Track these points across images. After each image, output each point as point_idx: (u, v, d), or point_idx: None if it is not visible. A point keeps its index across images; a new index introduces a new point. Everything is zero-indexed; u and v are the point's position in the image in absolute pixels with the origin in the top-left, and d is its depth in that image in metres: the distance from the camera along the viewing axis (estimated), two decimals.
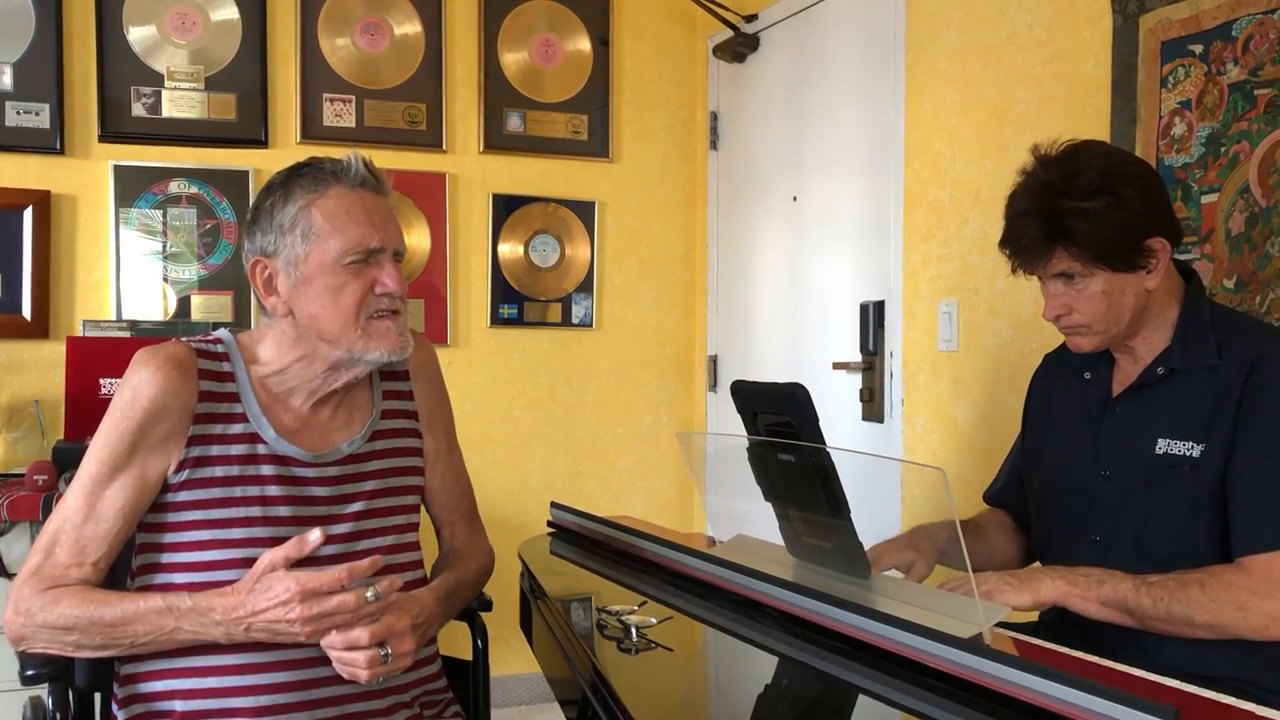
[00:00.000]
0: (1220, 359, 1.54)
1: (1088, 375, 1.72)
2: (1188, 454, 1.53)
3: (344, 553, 1.48)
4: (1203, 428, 1.52)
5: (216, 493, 1.45)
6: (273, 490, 1.47)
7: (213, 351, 1.50)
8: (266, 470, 1.47)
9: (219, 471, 1.45)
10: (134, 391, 1.42)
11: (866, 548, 1.55)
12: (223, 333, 1.54)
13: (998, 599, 1.45)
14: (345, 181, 1.47)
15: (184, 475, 1.44)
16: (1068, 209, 1.52)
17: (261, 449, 1.48)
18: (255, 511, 1.45)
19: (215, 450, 1.46)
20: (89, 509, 1.41)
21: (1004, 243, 1.63)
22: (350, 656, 1.35)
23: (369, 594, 1.33)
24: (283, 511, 1.47)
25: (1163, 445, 1.56)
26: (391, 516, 1.57)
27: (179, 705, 1.43)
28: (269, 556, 1.34)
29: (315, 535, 1.33)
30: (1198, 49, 2.06)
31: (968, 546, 1.73)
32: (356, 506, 1.53)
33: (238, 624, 1.34)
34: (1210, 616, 1.41)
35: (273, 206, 1.47)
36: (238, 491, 1.45)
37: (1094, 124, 2.27)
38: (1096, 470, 1.66)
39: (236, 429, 1.47)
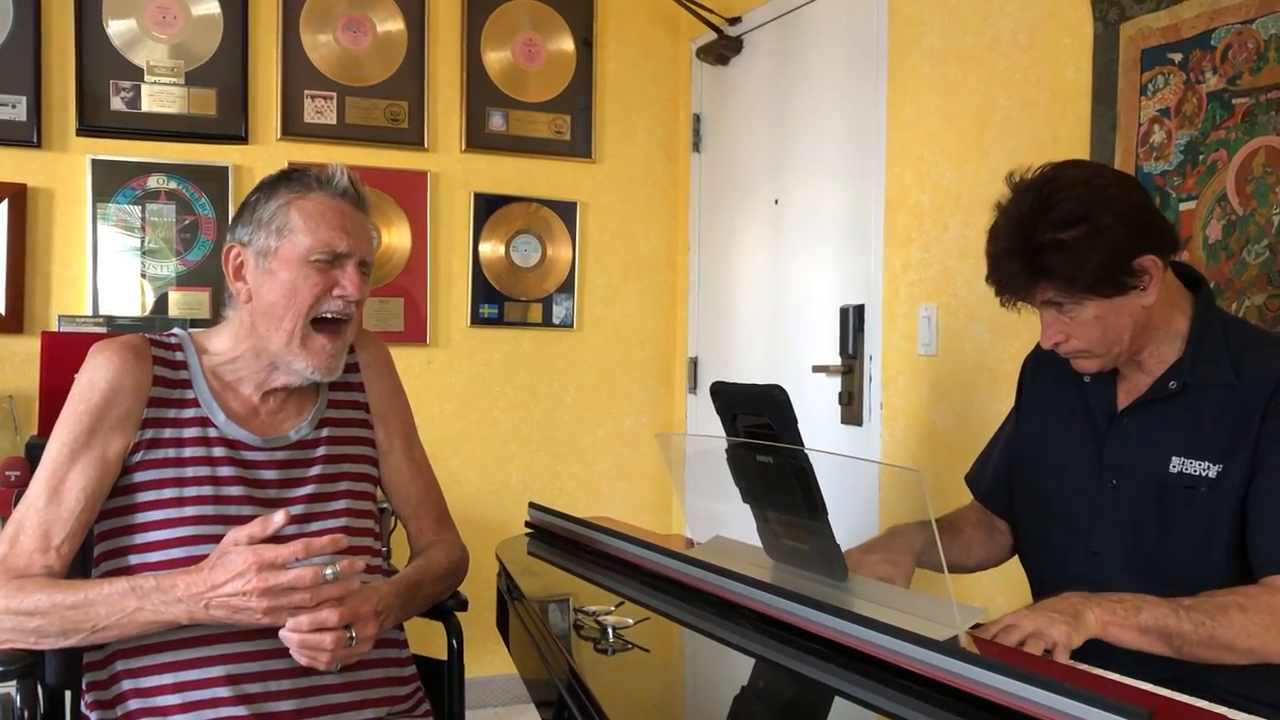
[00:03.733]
0: (1238, 377, 1.49)
1: (1087, 380, 1.67)
2: (1204, 474, 1.49)
3: (296, 534, 1.50)
4: (1220, 448, 1.48)
5: (169, 473, 1.50)
6: (224, 471, 1.52)
7: (166, 343, 1.57)
8: (218, 452, 1.52)
9: (171, 453, 1.51)
10: (90, 375, 1.48)
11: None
12: (177, 329, 1.62)
13: (1064, 647, 1.30)
14: (327, 189, 1.56)
15: (139, 456, 1.49)
16: (1044, 243, 1.47)
17: (212, 432, 1.53)
18: (207, 491, 1.50)
19: (168, 433, 1.51)
20: (52, 492, 1.44)
21: (989, 280, 1.59)
22: (316, 639, 1.35)
23: (327, 572, 1.33)
24: (234, 492, 1.51)
25: (1177, 464, 1.52)
26: (341, 500, 1.60)
27: (166, 699, 1.43)
28: (232, 534, 1.35)
29: (279, 517, 1.35)
30: (1177, 57, 2.08)
31: (943, 545, 1.71)
32: (306, 490, 1.57)
33: (197, 600, 1.34)
34: (1254, 641, 1.36)
35: (257, 202, 1.56)
36: (189, 472, 1.50)
37: (1074, 131, 2.29)
38: (1102, 481, 1.62)
39: (189, 413, 1.53)
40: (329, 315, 1.55)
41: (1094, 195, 1.48)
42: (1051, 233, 1.47)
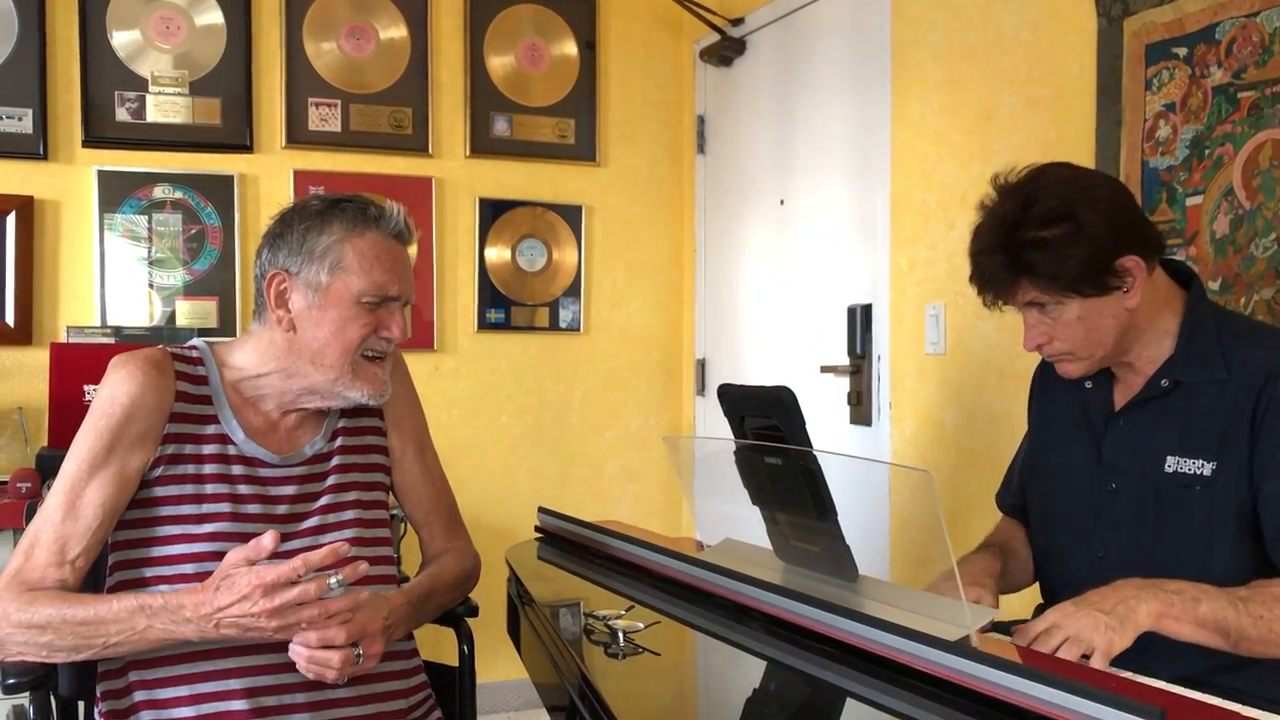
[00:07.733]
0: (1229, 373, 1.48)
1: (1088, 384, 1.67)
2: (1198, 472, 1.48)
3: (309, 546, 1.50)
4: (1213, 445, 1.47)
5: (189, 489, 1.49)
6: (242, 489, 1.52)
7: (188, 356, 1.56)
8: (236, 470, 1.52)
9: (191, 469, 1.50)
10: (112, 390, 1.47)
11: (921, 586, 1.54)
12: (197, 341, 1.61)
13: (1103, 655, 1.27)
14: (384, 228, 1.56)
15: (159, 471, 1.49)
16: (1026, 240, 1.47)
17: (231, 450, 1.53)
18: (225, 508, 1.49)
19: (189, 449, 1.51)
20: (69, 506, 1.43)
21: (972, 279, 1.60)
22: (323, 656, 1.36)
23: (331, 582, 1.32)
24: (251, 509, 1.51)
25: (1172, 463, 1.51)
26: (354, 510, 1.60)
27: (182, 711, 1.43)
28: (232, 555, 1.35)
29: (268, 540, 1.33)
30: (1182, 52, 2.07)
31: (1007, 568, 1.73)
32: (322, 502, 1.58)
33: (206, 620, 1.34)
34: None
35: (307, 230, 1.53)
36: (209, 489, 1.50)
37: (1079, 127, 2.28)
38: (1102, 484, 1.61)
39: (209, 430, 1.53)
40: (370, 357, 1.56)
41: (1077, 194, 1.48)
42: (1034, 230, 1.47)
